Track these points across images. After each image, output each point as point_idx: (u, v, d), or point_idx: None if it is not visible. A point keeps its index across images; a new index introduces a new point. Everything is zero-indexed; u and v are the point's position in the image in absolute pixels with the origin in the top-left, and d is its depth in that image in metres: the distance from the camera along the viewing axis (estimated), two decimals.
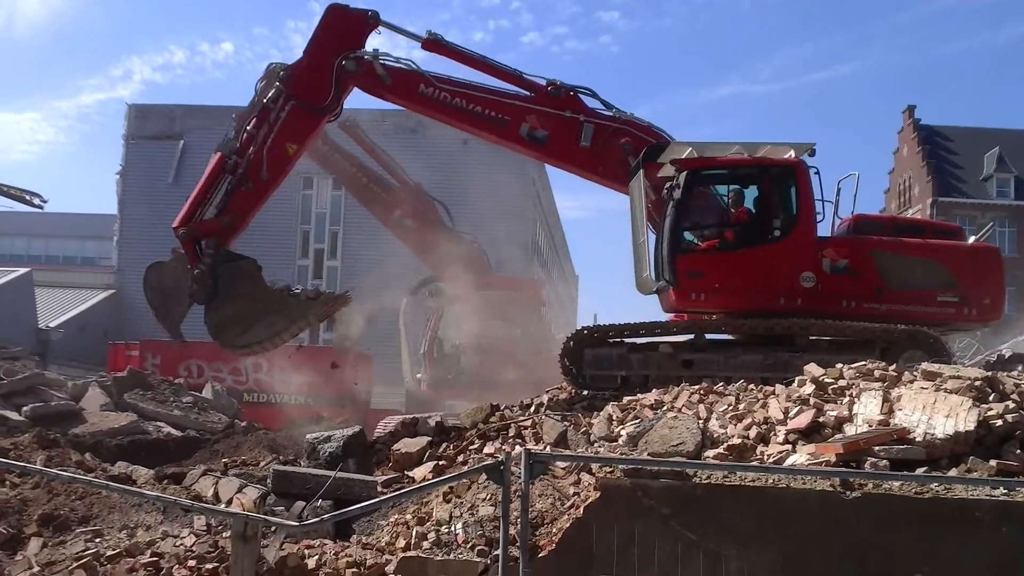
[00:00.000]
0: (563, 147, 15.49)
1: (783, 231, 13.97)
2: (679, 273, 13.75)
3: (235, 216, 15.18)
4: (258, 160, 14.96)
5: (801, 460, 8.65)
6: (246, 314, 14.56)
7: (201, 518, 9.67)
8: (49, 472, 9.69)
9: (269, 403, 30.13)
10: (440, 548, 8.30)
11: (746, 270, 13.83)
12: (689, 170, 13.99)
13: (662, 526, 7.67)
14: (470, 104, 15.34)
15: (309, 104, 15.18)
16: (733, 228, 14.37)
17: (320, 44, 15.33)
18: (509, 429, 12.38)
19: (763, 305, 13.71)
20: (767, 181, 14.21)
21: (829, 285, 13.76)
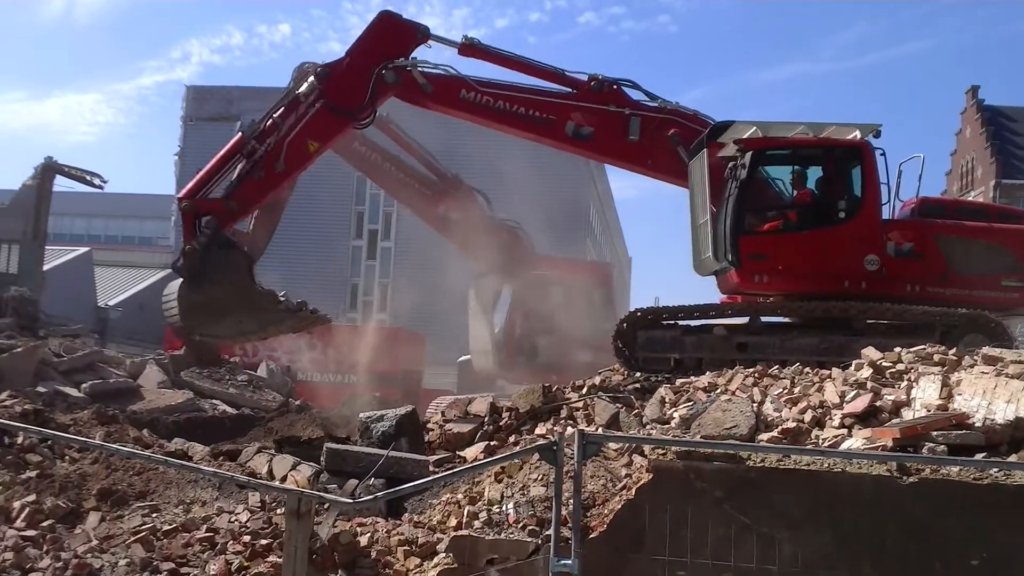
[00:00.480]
0: (611, 142, 15.29)
1: (848, 213, 13.73)
2: (743, 254, 13.56)
3: (242, 202, 14.84)
4: (277, 150, 14.68)
5: (857, 444, 8.53)
6: (221, 305, 14.07)
7: (256, 495, 9.77)
8: (108, 447, 9.85)
9: (323, 382, 30.40)
10: (491, 528, 8.31)
11: (810, 252, 13.62)
12: (754, 150, 13.79)
13: (715, 509, 7.61)
14: (514, 106, 15.12)
15: (341, 107, 14.90)
16: (798, 209, 14.13)
17: (364, 49, 15.05)
18: (561, 410, 12.37)
19: (826, 288, 13.50)
20: (832, 162, 13.96)
21: (894, 269, 13.54)
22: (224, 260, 14.09)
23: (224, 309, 13.99)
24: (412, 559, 8.34)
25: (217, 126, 47.66)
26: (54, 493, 10.00)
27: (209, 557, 8.70)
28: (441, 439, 12.22)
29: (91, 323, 36.21)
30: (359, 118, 15.26)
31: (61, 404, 15.89)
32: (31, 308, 26.18)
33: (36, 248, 35.14)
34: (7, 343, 20.14)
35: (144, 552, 8.78)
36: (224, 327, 14.42)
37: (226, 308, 13.99)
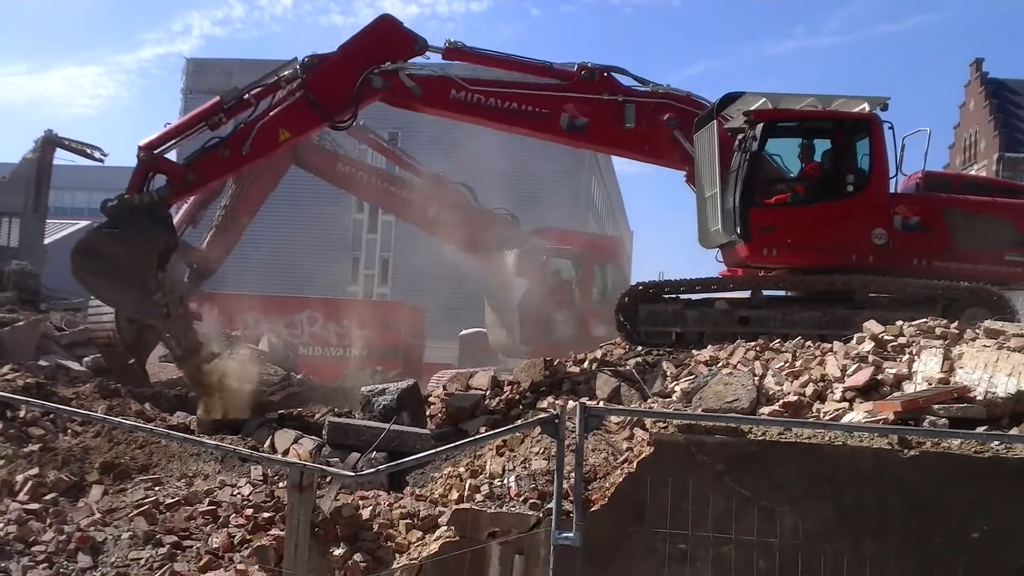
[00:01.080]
0: (607, 131, 15.09)
1: (856, 187, 13.65)
2: (752, 227, 13.51)
3: (200, 176, 14.21)
4: (247, 131, 14.03)
5: (858, 418, 8.54)
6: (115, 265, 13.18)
7: (258, 468, 9.81)
8: (111, 421, 9.86)
9: (325, 356, 30.43)
10: (493, 501, 8.34)
11: (819, 225, 13.56)
12: (765, 122, 13.71)
13: (716, 482, 7.64)
14: (505, 102, 14.80)
15: (320, 103, 14.19)
16: (807, 182, 14.08)
17: (357, 48, 14.46)
18: (562, 384, 12.40)
19: (835, 261, 13.46)
20: (841, 135, 13.89)
21: (900, 243, 13.50)
22: (147, 232, 13.35)
23: (114, 271, 13.20)
24: (414, 532, 8.38)
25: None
26: (57, 466, 10.03)
27: (212, 530, 8.75)
28: (443, 413, 12.25)
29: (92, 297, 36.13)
30: (337, 119, 14.66)
31: (63, 378, 15.89)
32: (32, 282, 26.17)
33: (37, 221, 35.04)
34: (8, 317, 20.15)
35: (147, 525, 8.83)
36: (103, 286, 13.58)
37: (116, 272, 13.20)
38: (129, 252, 13.01)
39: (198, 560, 8.40)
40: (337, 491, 8.86)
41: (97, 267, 13.06)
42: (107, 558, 8.55)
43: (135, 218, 13.22)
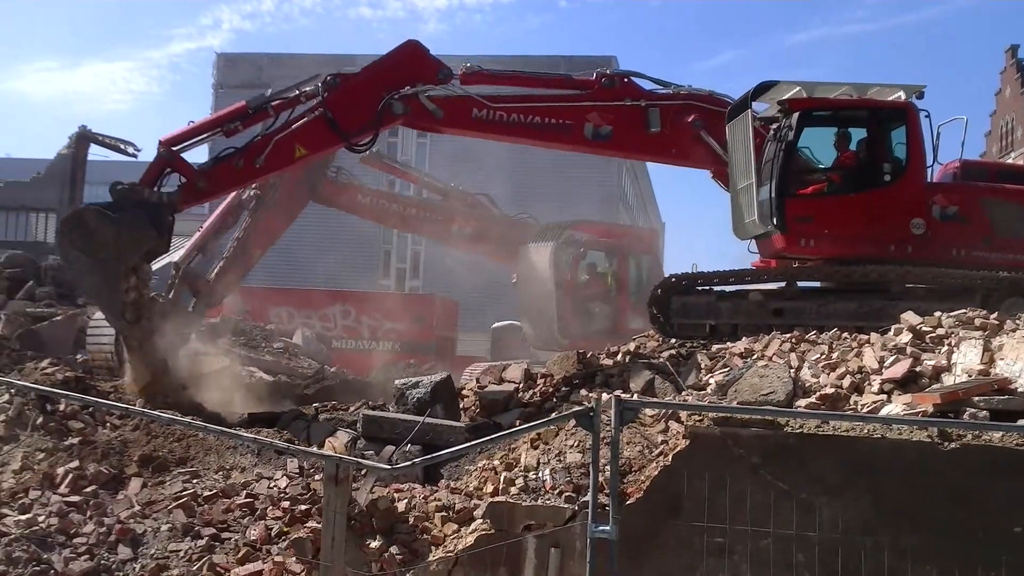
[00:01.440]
0: (632, 138, 14.86)
1: (893, 176, 13.50)
2: (788, 218, 13.41)
3: (211, 184, 14.07)
4: (263, 144, 13.90)
5: (897, 410, 8.46)
6: (99, 250, 12.92)
7: (294, 461, 9.86)
8: (149, 414, 9.95)
9: (358, 349, 30.56)
10: (528, 494, 8.35)
11: (856, 215, 13.40)
12: (801, 111, 13.59)
13: (752, 475, 7.60)
14: (528, 117, 14.56)
15: (339, 123, 14.01)
16: (844, 172, 13.94)
17: (381, 72, 14.29)
18: (595, 377, 12.37)
19: (873, 252, 13.31)
20: (878, 124, 13.74)
21: (939, 232, 13.34)
22: (141, 229, 13.12)
23: (95, 252, 12.92)
24: (449, 524, 8.40)
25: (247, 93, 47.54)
26: (96, 459, 10.13)
27: (249, 522, 8.81)
28: (476, 406, 12.26)
29: None
30: (354, 141, 14.43)
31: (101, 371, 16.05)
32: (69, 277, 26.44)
33: None
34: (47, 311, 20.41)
35: (185, 517, 8.91)
36: (79, 262, 13.20)
37: (97, 253, 12.93)
38: (116, 240, 12.86)
39: (236, 552, 8.46)
40: (373, 484, 8.90)
41: (81, 242, 12.92)
42: (147, 550, 8.63)
43: (137, 211, 13.13)
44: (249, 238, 20.99)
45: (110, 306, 13.44)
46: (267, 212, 21.07)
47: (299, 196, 21.95)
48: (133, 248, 13.10)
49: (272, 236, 22.18)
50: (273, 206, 20.95)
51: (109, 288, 13.13)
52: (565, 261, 24.91)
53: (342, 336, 31.07)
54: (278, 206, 21.17)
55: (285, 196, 21.40)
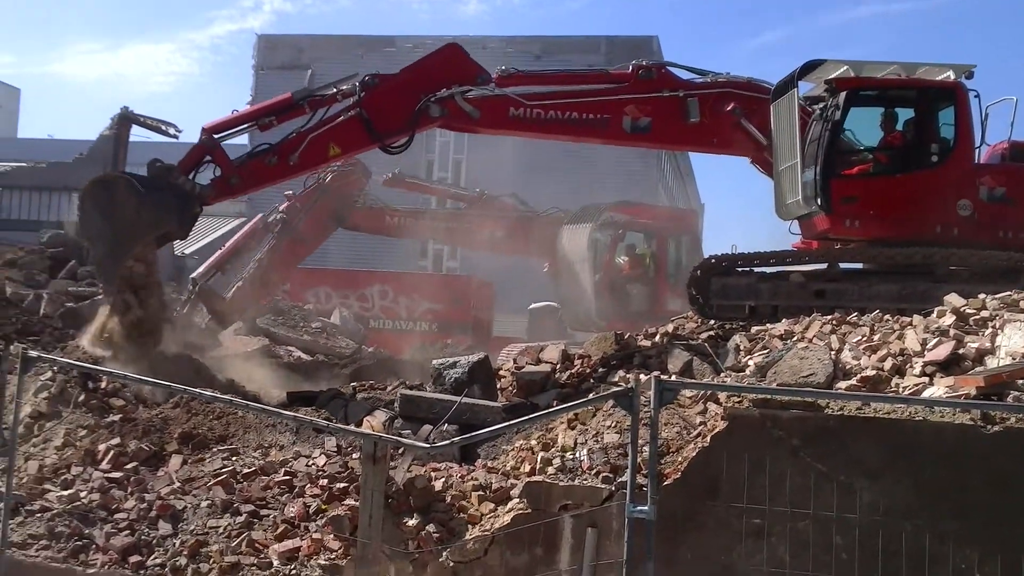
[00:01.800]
0: (672, 129, 14.72)
1: (941, 157, 13.32)
2: (834, 198, 13.24)
3: (243, 181, 14.00)
4: (297, 142, 13.82)
5: (939, 393, 8.36)
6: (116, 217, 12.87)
7: (332, 439, 9.91)
8: (190, 391, 10.04)
9: (395, 329, 30.68)
10: (564, 474, 8.34)
11: (904, 196, 13.22)
12: (848, 90, 13.42)
13: (792, 457, 7.54)
14: (565, 113, 14.42)
15: (374, 124, 13.87)
16: (891, 152, 13.75)
17: (420, 74, 14.20)
18: (633, 358, 12.33)
19: (919, 233, 13.13)
20: (926, 104, 13.55)
21: (986, 214, 13.14)
22: (165, 212, 13.17)
23: (112, 217, 12.91)
24: (486, 504, 8.41)
25: (288, 75, 47.64)
26: (137, 436, 10.25)
27: (287, 500, 8.87)
28: (513, 386, 12.26)
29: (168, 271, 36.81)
30: (388, 144, 14.18)
31: None
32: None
33: None
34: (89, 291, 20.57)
35: (225, 494, 8.99)
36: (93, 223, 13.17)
37: (112, 219, 12.90)
38: (137, 215, 12.86)
39: (274, 529, 8.53)
40: (410, 463, 8.93)
41: (102, 204, 12.99)
42: (187, 526, 8.73)
43: (166, 194, 13.18)
44: (272, 263, 21.08)
45: (107, 274, 13.44)
46: (292, 239, 21.20)
47: (326, 225, 22.17)
48: (150, 228, 13.17)
49: (294, 263, 22.35)
50: (298, 233, 21.10)
51: (113, 257, 13.13)
52: (603, 242, 24.87)
53: (379, 316, 31.20)
54: (303, 234, 21.32)
55: (312, 224, 21.60)
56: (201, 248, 46.11)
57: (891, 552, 7.14)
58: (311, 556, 8.20)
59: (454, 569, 8.01)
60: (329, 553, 8.18)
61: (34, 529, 8.60)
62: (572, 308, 25.83)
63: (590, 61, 39.45)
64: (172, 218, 13.25)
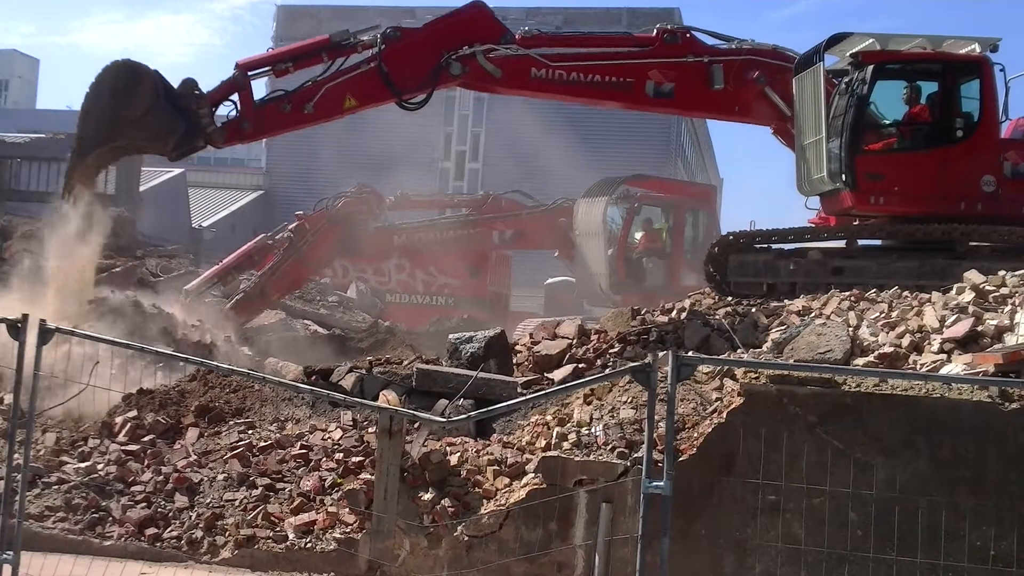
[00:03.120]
0: (695, 95, 14.60)
1: (966, 132, 13.17)
2: (859, 174, 13.12)
3: (256, 127, 13.77)
4: (313, 91, 13.56)
5: (957, 370, 8.32)
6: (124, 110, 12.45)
7: (348, 413, 9.92)
8: (207, 364, 10.05)
9: (412, 304, 30.68)
10: (580, 449, 8.33)
11: (928, 173, 13.08)
12: (874, 64, 13.26)
13: (808, 433, 7.52)
14: (588, 75, 14.20)
15: (393, 79, 13.61)
16: (916, 128, 13.60)
17: (443, 30, 13.96)
18: (650, 333, 12.29)
19: (943, 210, 12.98)
20: (951, 78, 13.38)
21: (1009, 190, 13.00)
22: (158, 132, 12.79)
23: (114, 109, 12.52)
24: (501, 478, 8.42)
25: None
26: (154, 409, 10.28)
27: (303, 473, 8.90)
28: (529, 361, 12.24)
29: (186, 244, 36.98)
30: (406, 101, 13.93)
31: None
32: (129, 228, 26.83)
33: (132, 169, 35.85)
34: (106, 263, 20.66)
35: (241, 467, 9.03)
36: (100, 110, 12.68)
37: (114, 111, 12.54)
38: (138, 117, 12.57)
39: (290, 502, 8.56)
40: (425, 437, 8.94)
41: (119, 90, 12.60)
42: (203, 499, 8.78)
43: (179, 116, 12.82)
44: (271, 282, 21.04)
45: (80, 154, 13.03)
46: (296, 260, 21.19)
47: (331, 253, 22.19)
48: (146, 136, 12.89)
49: (295, 284, 22.34)
50: (303, 256, 21.08)
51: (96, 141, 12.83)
52: (619, 216, 24.78)
53: (396, 291, 31.20)
54: (308, 258, 21.31)
55: (317, 249, 21.60)
56: (219, 221, 46.33)
57: (906, 529, 7.12)
58: (326, 530, 8.24)
59: (469, 543, 8.04)
60: (344, 527, 8.22)
61: (51, 501, 8.66)
62: (587, 282, 25.80)
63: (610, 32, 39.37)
64: (166, 141, 12.88)
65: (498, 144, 43.20)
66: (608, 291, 24.41)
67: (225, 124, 13.43)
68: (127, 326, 13.88)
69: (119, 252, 23.39)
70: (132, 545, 8.33)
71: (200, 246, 39.69)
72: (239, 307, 20.40)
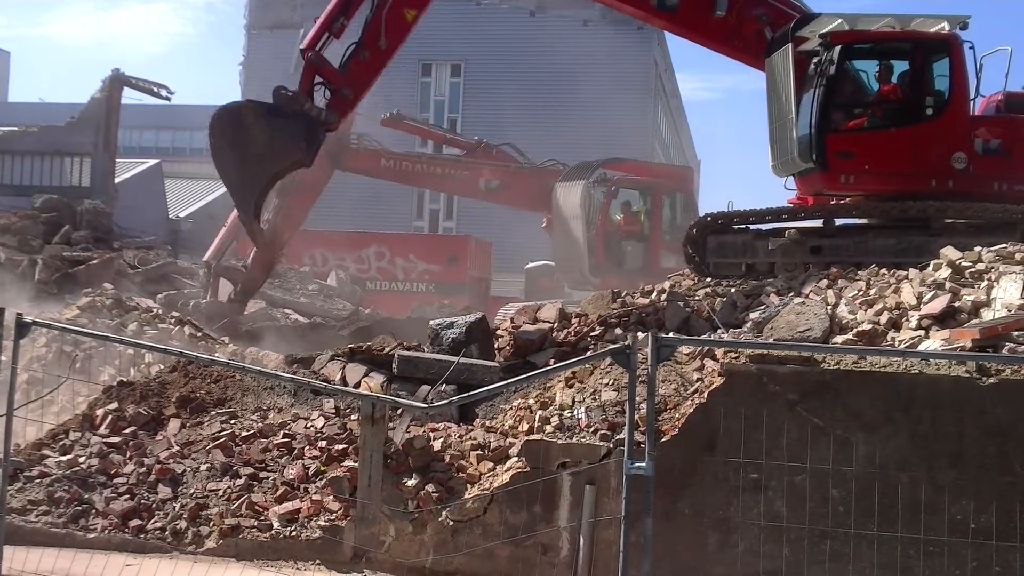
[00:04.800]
0: (696, 16, 14.42)
1: (936, 110, 13.25)
2: (829, 154, 13.19)
3: (354, 88, 13.94)
4: (376, 25, 13.70)
5: (935, 346, 8.39)
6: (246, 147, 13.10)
7: (330, 401, 9.92)
8: (188, 355, 10.02)
9: (392, 291, 30.69)
10: (563, 432, 8.35)
11: (899, 150, 13.18)
12: (843, 44, 13.33)
13: (789, 411, 7.56)
14: None
15: None
16: (886, 106, 13.68)
17: None
18: (630, 316, 12.33)
19: (914, 188, 13.09)
20: (921, 57, 13.46)
21: (980, 167, 13.09)
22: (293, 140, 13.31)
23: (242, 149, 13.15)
24: (485, 463, 8.44)
25: (280, 34, 47.18)
26: (135, 401, 10.23)
27: (287, 462, 8.90)
28: (511, 346, 12.26)
29: (163, 235, 36.80)
30: None
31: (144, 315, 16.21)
32: (105, 220, 26.71)
33: (107, 161, 35.63)
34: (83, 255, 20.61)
35: (224, 457, 9.01)
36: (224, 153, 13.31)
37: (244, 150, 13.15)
38: (268, 144, 13.02)
39: (274, 491, 8.56)
40: (408, 423, 8.94)
41: (232, 136, 13.09)
42: (186, 489, 8.76)
43: (294, 120, 13.19)
44: (279, 221, 21.08)
45: (243, 203, 13.68)
46: (295, 193, 21.14)
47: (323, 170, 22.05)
48: (282, 156, 13.32)
49: (301, 216, 22.30)
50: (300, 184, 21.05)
51: (248, 186, 13.37)
52: (596, 200, 24.80)
53: (376, 278, 31.21)
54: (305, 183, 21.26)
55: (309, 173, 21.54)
56: (195, 212, 46.06)
57: (887, 504, 7.19)
58: (311, 518, 8.25)
59: (454, 528, 8.05)
60: (329, 514, 8.23)
61: (34, 495, 8.63)
62: (567, 266, 25.83)
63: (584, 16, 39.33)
64: (301, 145, 13.35)
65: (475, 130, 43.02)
66: (588, 275, 24.44)
67: (329, 103, 13.65)
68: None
69: (96, 244, 23.28)
70: (116, 537, 8.32)
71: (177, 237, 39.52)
72: (255, 261, 20.52)
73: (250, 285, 20.53)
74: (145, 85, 34.46)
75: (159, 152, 62.70)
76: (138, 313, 16.11)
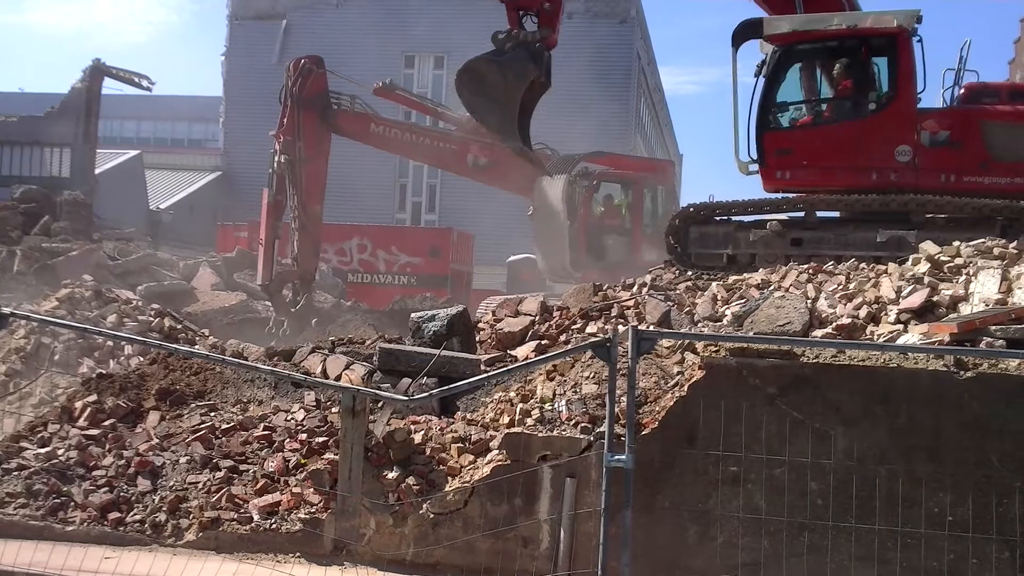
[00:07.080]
0: None
1: (879, 104, 13.39)
2: (767, 152, 13.43)
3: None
4: None
5: (913, 340, 8.44)
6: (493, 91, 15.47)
7: (311, 393, 9.90)
8: (167, 347, 9.99)
9: (373, 283, 30.64)
10: (544, 425, 8.36)
11: (837, 146, 13.36)
12: (782, 46, 13.48)
13: (768, 405, 7.60)
14: None
15: None
16: (828, 103, 13.88)
17: None
18: (612, 309, 12.34)
19: (854, 182, 13.27)
20: (865, 52, 13.56)
21: (927, 159, 13.20)
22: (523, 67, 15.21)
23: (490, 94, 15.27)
24: (466, 456, 8.44)
25: (262, 25, 47.01)
26: (114, 393, 10.19)
27: (267, 454, 8.88)
28: (492, 338, 12.26)
29: (143, 226, 36.63)
30: None
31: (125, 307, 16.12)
32: (85, 211, 26.54)
33: (88, 151, 35.44)
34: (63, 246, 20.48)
35: (204, 450, 8.98)
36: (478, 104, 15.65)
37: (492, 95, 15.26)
38: (504, 80, 15.08)
39: (254, 484, 8.54)
40: (389, 416, 8.94)
41: (477, 87, 15.23)
42: (166, 482, 8.73)
43: (517, 52, 15.14)
44: (304, 198, 21.23)
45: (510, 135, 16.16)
46: (304, 164, 21.17)
47: (320, 133, 22.00)
48: (519, 82, 15.37)
49: (321, 184, 22.42)
50: (307, 157, 21.10)
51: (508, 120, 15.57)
52: (578, 194, 24.80)
53: (358, 270, 31.15)
54: (310, 153, 21.30)
55: (309, 138, 21.51)
56: (176, 202, 45.87)
57: (865, 496, 7.24)
58: (291, 510, 8.23)
59: (435, 520, 8.06)
60: (309, 507, 8.21)
61: (11, 487, 8.57)
62: (548, 259, 25.84)
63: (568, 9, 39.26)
64: (530, 67, 15.44)
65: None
66: (569, 268, 24.46)
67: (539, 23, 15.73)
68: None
69: (76, 235, 23.14)
70: (95, 530, 8.28)
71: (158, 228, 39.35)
72: (302, 249, 21.33)
73: (307, 273, 21.12)
74: (126, 75, 34.28)
75: (140, 143, 62.36)
76: (117, 305, 16.02)
